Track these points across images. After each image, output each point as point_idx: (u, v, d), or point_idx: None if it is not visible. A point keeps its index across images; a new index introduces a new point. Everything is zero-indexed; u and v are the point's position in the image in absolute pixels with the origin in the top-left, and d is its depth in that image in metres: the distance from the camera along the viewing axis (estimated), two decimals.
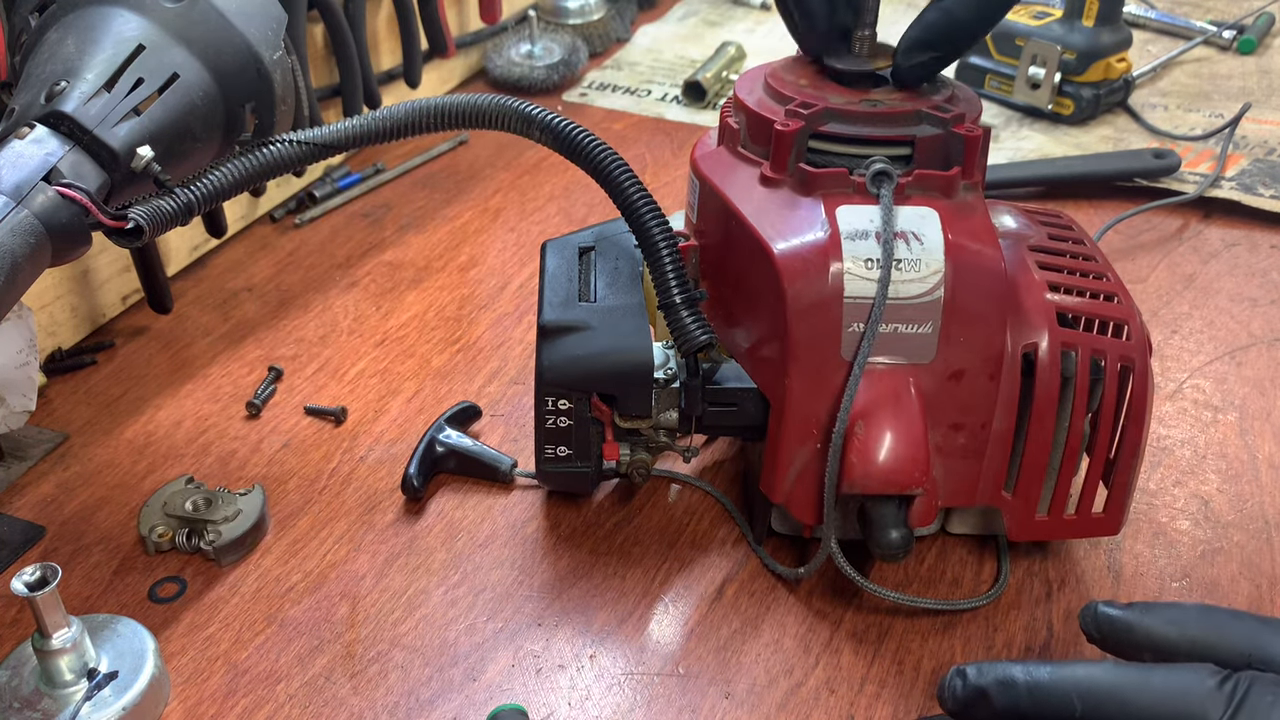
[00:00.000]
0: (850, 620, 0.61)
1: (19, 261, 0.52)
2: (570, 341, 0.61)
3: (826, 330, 0.56)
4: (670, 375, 0.62)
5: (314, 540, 0.65)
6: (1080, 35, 1.10)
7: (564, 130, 0.61)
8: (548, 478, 0.66)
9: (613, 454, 0.63)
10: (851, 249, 0.55)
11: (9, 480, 0.69)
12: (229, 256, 0.92)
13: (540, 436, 0.63)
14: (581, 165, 0.61)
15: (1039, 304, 0.57)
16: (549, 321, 0.62)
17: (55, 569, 0.51)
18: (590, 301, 0.63)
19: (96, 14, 0.58)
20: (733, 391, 0.61)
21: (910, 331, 0.56)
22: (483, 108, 0.62)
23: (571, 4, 1.27)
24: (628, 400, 0.61)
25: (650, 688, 0.57)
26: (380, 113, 0.62)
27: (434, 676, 0.57)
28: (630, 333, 0.61)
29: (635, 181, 0.60)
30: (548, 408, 0.61)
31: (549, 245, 0.68)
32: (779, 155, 0.58)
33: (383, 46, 1.08)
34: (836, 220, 0.56)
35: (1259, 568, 0.64)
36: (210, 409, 0.75)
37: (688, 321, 0.59)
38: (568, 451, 0.63)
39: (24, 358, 0.66)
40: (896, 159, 0.58)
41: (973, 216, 0.57)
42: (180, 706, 0.56)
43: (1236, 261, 0.91)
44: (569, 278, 0.65)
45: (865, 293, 0.55)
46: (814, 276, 0.55)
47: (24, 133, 0.54)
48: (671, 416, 0.62)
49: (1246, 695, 0.45)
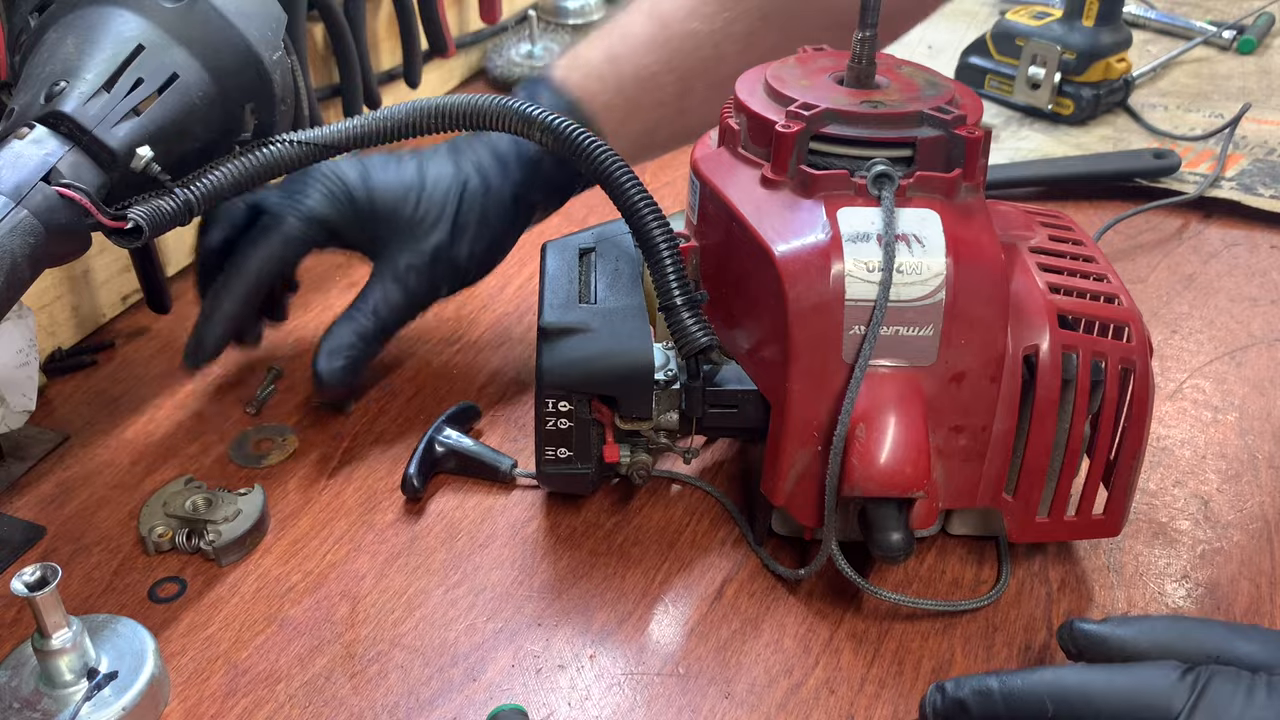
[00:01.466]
0: (850, 620, 0.61)
1: (19, 262, 0.52)
2: (571, 343, 0.61)
3: (828, 333, 0.55)
4: (671, 377, 0.62)
5: (314, 540, 0.65)
6: (1080, 35, 1.10)
7: (565, 131, 0.61)
8: (548, 479, 0.66)
9: (613, 456, 0.63)
10: (853, 251, 0.55)
11: (9, 480, 0.69)
12: None
13: (540, 438, 0.63)
14: (582, 166, 0.61)
15: (1040, 306, 0.57)
16: (549, 323, 0.62)
17: (55, 569, 0.51)
18: (591, 303, 0.63)
19: (96, 14, 0.57)
20: (733, 393, 0.61)
21: (911, 334, 0.56)
22: (483, 108, 0.62)
23: (571, 4, 1.27)
24: (629, 402, 0.61)
25: (650, 688, 0.57)
26: (381, 113, 0.62)
27: (434, 676, 0.57)
28: (631, 335, 0.61)
29: (636, 182, 0.60)
30: (548, 409, 0.61)
31: (549, 246, 0.68)
32: (780, 157, 0.58)
33: (383, 46, 1.08)
34: (838, 222, 0.56)
35: (1259, 568, 0.64)
36: (210, 409, 0.75)
37: (689, 324, 0.59)
38: (568, 453, 0.63)
39: (24, 358, 0.66)
40: (897, 160, 0.57)
41: (974, 218, 0.57)
42: (180, 706, 0.56)
43: (1236, 261, 0.91)
44: (569, 279, 0.65)
45: (867, 295, 0.55)
46: (815, 279, 0.55)
47: (23, 133, 0.54)
48: (672, 418, 0.62)
49: (1208, 685, 0.47)
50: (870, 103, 0.59)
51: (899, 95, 0.59)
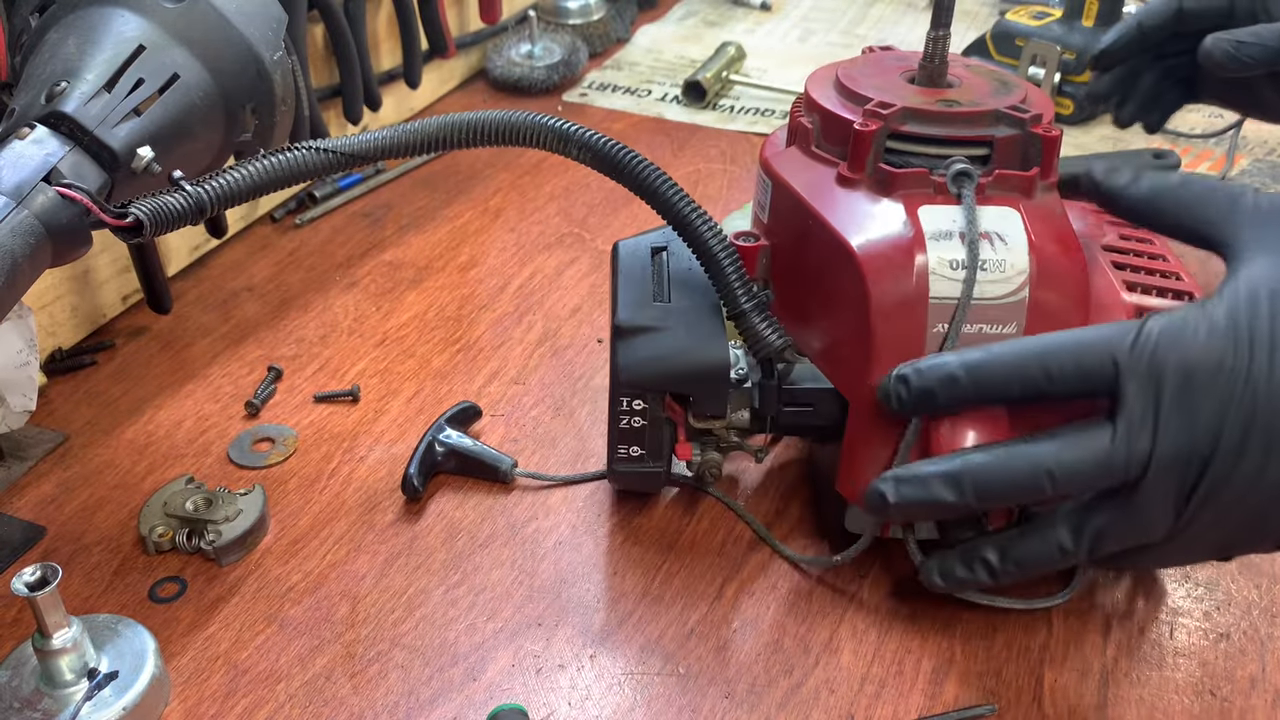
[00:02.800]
0: (850, 620, 0.61)
1: (19, 262, 0.52)
2: (646, 342, 0.61)
3: (910, 331, 0.55)
4: (743, 375, 0.62)
5: (314, 540, 0.66)
6: (1080, 35, 1.10)
7: (604, 147, 0.60)
8: (620, 478, 0.66)
9: (685, 454, 0.63)
10: (936, 249, 0.55)
11: (9, 480, 0.70)
12: (229, 256, 0.92)
13: (614, 436, 0.63)
14: (624, 182, 0.61)
15: (1117, 303, 0.57)
16: (625, 322, 0.61)
17: (55, 569, 0.51)
18: (665, 302, 0.63)
19: (97, 14, 0.58)
20: (809, 392, 0.62)
21: (994, 332, 0.55)
22: (518, 124, 0.61)
23: (571, 4, 1.27)
24: (703, 400, 0.61)
25: (650, 688, 0.57)
26: (413, 125, 0.61)
27: (434, 676, 0.57)
28: (706, 334, 0.61)
29: (681, 193, 0.60)
30: (622, 408, 0.61)
31: (621, 245, 0.68)
32: (857, 155, 0.58)
33: (383, 47, 1.08)
34: (920, 220, 0.55)
35: (1259, 568, 0.64)
36: (210, 409, 0.76)
37: (761, 328, 0.59)
38: (640, 451, 0.63)
39: (24, 358, 0.66)
40: (974, 159, 0.57)
41: (1054, 217, 0.57)
42: (180, 706, 0.56)
43: None
44: (643, 278, 0.65)
45: (950, 293, 0.55)
46: (899, 276, 0.55)
47: (24, 133, 0.54)
48: (743, 416, 0.62)
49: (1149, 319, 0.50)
50: (945, 101, 0.59)
51: (973, 94, 0.59)
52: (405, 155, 0.62)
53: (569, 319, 0.84)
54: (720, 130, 1.12)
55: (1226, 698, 0.57)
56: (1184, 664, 0.58)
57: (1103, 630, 0.60)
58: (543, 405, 0.76)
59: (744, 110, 1.16)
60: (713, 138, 1.11)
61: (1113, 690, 0.57)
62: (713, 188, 1.01)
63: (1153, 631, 0.60)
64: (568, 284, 0.88)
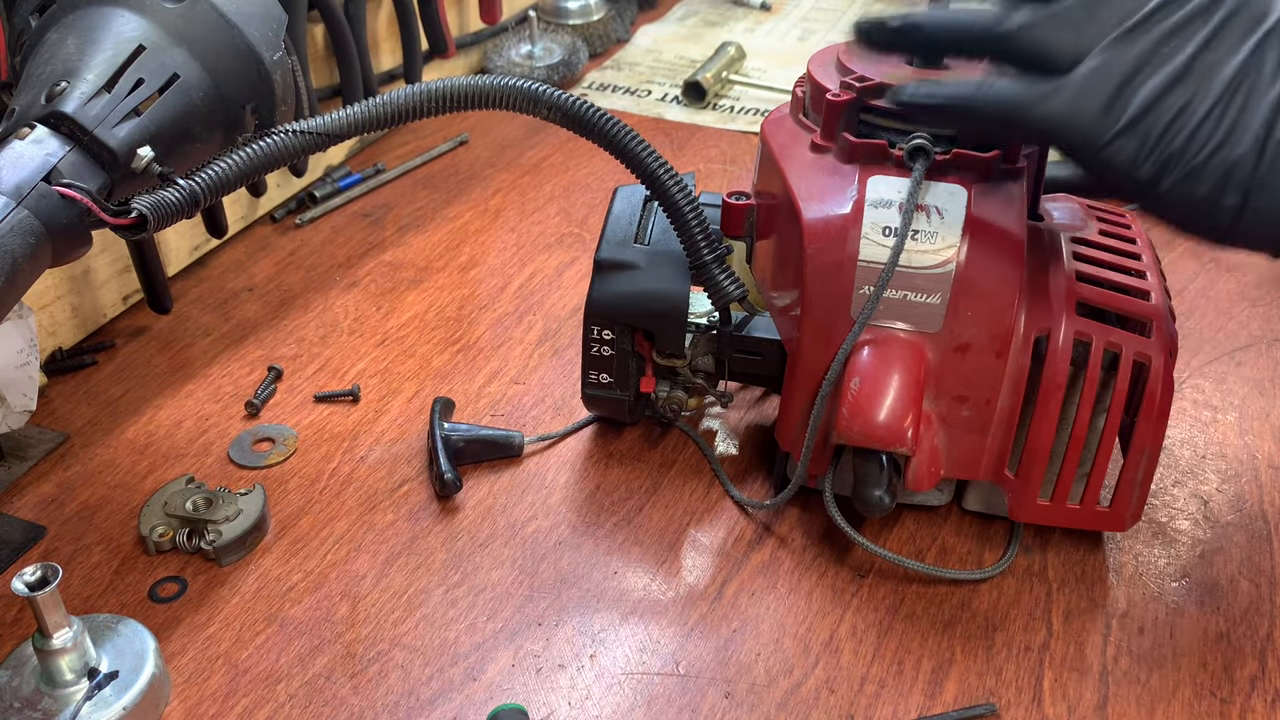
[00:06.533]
0: (850, 620, 0.61)
1: (19, 262, 0.52)
2: (619, 278, 0.66)
3: (839, 290, 0.58)
4: (712, 323, 0.67)
5: (314, 540, 0.66)
6: None
7: (573, 106, 0.62)
8: (591, 401, 0.70)
9: (649, 386, 0.68)
10: (872, 216, 0.58)
11: (9, 480, 0.70)
12: (229, 257, 0.92)
13: (585, 362, 0.68)
14: (594, 139, 0.63)
15: (1061, 291, 0.58)
16: (603, 258, 0.67)
17: (56, 569, 0.51)
18: (644, 244, 0.67)
19: (97, 14, 0.58)
20: (758, 341, 0.66)
21: (919, 300, 0.58)
22: (488, 89, 0.62)
23: (571, 4, 1.27)
24: (663, 337, 0.66)
25: (650, 688, 0.57)
26: (384, 98, 0.62)
27: (434, 676, 0.57)
28: (671, 276, 0.65)
29: (651, 150, 0.63)
30: (593, 336, 0.67)
31: (619, 190, 0.73)
32: (829, 124, 0.61)
33: (383, 47, 1.08)
34: (866, 188, 0.58)
35: (1259, 568, 0.64)
36: (211, 409, 0.76)
37: (720, 278, 0.63)
38: (609, 379, 0.68)
39: (24, 358, 0.67)
40: (940, 138, 0.59)
41: (1002, 199, 0.58)
42: (181, 706, 0.56)
43: (1236, 261, 0.91)
44: (630, 220, 0.69)
45: (879, 258, 0.57)
46: (833, 239, 0.58)
47: (24, 133, 0.54)
48: (708, 361, 0.67)
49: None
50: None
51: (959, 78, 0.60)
52: (379, 128, 0.62)
53: (569, 319, 0.84)
54: (720, 130, 1.12)
55: (1226, 698, 0.57)
56: (1184, 664, 0.58)
57: (1103, 630, 0.60)
58: (543, 405, 0.76)
59: (744, 110, 1.16)
60: (713, 138, 1.11)
61: (1113, 690, 0.57)
62: (713, 188, 1.01)
63: (1153, 631, 0.60)
64: (568, 284, 0.88)
